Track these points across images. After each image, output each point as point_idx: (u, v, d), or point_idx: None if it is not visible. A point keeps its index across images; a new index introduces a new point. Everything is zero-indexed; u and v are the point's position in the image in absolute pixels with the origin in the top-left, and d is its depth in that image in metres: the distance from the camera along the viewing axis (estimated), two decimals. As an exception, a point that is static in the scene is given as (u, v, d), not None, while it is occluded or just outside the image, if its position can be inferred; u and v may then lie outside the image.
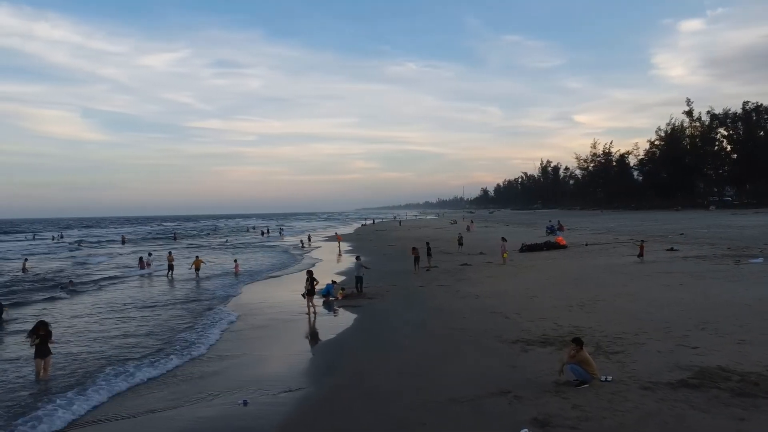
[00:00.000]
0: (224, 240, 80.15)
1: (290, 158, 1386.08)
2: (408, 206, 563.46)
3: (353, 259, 33.59)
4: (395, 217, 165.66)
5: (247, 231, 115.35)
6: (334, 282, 25.50)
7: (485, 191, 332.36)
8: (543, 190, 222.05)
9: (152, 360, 14.23)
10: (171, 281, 32.55)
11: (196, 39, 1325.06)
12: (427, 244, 35.06)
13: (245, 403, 10.74)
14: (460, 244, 44.21)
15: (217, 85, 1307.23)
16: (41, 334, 13.12)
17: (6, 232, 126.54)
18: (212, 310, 21.65)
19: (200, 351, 15.25)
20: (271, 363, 14.16)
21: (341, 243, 58.21)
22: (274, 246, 63.83)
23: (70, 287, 29.88)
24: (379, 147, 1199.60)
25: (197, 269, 34.03)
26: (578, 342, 10.73)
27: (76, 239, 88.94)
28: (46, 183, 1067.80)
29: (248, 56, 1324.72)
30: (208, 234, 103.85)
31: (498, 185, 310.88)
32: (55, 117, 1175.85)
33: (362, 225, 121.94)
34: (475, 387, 10.71)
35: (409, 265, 32.41)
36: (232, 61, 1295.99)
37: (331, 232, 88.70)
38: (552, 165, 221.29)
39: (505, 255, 32.68)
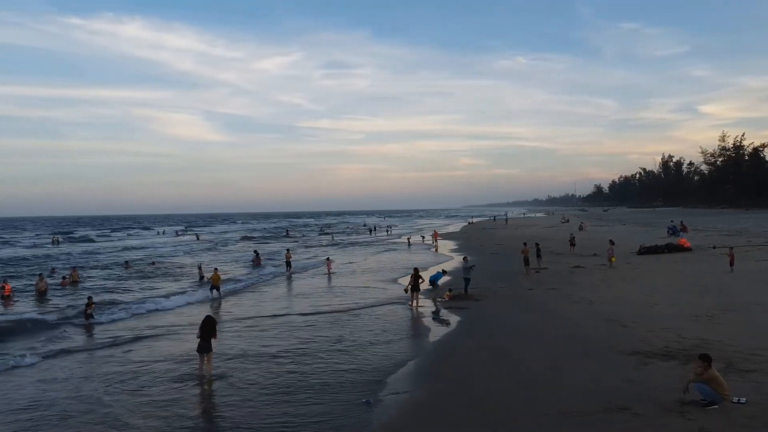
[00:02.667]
0: (330, 237, 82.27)
1: (397, 156, 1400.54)
2: (516, 203, 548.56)
3: (457, 257, 33.29)
4: (505, 214, 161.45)
5: (348, 228, 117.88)
6: (444, 271, 25.42)
7: (599, 188, 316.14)
8: (663, 187, 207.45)
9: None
10: (290, 279, 33.80)
11: (308, 42, 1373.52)
12: (537, 244, 33.93)
13: (368, 403, 10.84)
14: (572, 244, 42.36)
15: (327, 85, 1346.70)
16: (205, 329, 13.46)
17: (146, 228, 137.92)
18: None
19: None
20: (381, 361, 14.18)
21: (439, 241, 57.95)
22: (394, 243, 64.68)
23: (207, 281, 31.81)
24: (486, 143, 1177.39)
25: (215, 287, 27.04)
26: (706, 359, 9.85)
27: (193, 234, 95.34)
28: (173, 182, 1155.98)
29: (356, 56, 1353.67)
30: (323, 232, 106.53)
31: (613, 182, 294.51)
32: (182, 120, 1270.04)
33: (468, 223, 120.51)
34: (589, 401, 10.16)
35: (517, 266, 31.58)
36: (341, 62, 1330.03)
37: (448, 229, 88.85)
38: (674, 160, 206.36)
39: (613, 259, 30.95)
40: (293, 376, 12.94)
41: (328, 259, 37.74)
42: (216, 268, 29.69)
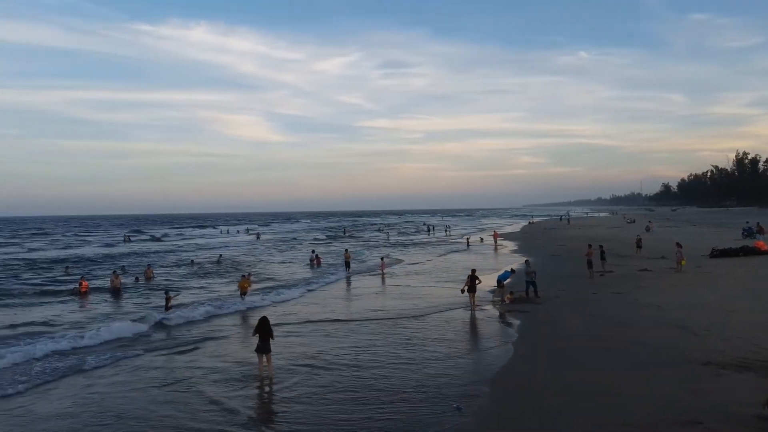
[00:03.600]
0: (386, 237, 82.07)
1: (455, 154, 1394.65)
2: (578, 203, 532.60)
3: (517, 259, 32.60)
4: (567, 214, 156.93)
5: (406, 227, 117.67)
6: (513, 270, 24.89)
7: (666, 186, 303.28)
8: (737, 186, 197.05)
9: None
10: (349, 279, 34.01)
11: (366, 42, 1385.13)
12: (601, 246, 32.89)
13: (459, 409, 10.61)
14: (639, 246, 40.80)
15: (385, 85, 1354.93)
16: (261, 330, 13.54)
17: (212, 227, 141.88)
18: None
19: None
20: (441, 367, 14.08)
21: (498, 241, 57.30)
22: (452, 243, 64.19)
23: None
24: (546, 141, 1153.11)
25: (243, 293, 26.02)
26: (787, 372, 9.30)
27: (254, 233, 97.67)
28: (236, 181, 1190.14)
29: (414, 56, 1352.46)
30: (380, 230, 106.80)
31: (682, 180, 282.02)
32: (244, 121, 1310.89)
33: (529, 223, 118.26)
34: (656, 412, 9.78)
35: (580, 269, 30.74)
36: (399, 62, 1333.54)
37: (508, 229, 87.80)
38: (749, 156, 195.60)
39: (683, 262, 29.60)
40: (362, 382, 12.72)
41: (382, 259, 37.82)
42: (243, 275, 28.76)
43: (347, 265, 36.88)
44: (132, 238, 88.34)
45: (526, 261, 25.97)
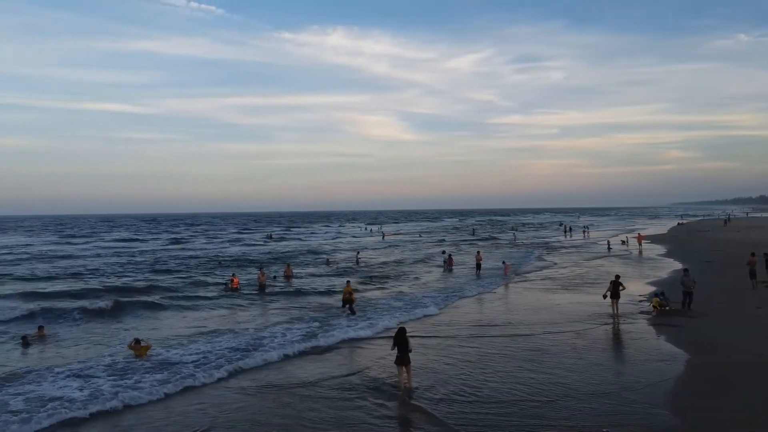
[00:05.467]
0: (513, 238, 78.34)
1: (592, 150, 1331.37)
2: (736, 201, 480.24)
3: (664, 264, 29.98)
4: (727, 214, 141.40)
5: (539, 226, 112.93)
6: (662, 294, 22.56)
7: None
8: None
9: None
10: (481, 284, 32.78)
11: (498, 37, 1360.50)
12: (765, 254, 29.32)
13: None
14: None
15: (518, 80, 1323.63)
16: (399, 342, 13.25)
17: (351, 223, 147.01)
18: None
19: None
20: (586, 389, 13.23)
21: (643, 244, 53.03)
22: (592, 246, 61.04)
23: None
24: (698, 134, 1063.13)
25: (346, 302, 23.32)
26: None
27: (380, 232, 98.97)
28: (370, 179, 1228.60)
29: (549, 49, 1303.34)
30: (514, 230, 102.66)
31: None
32: (378, 122, 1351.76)
33: (678, 224, 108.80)
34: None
35: (739, 278, 27.67)
36: (532, 55, 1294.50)
37: (654, 231, 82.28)
38: None
39: None
40: (499, 408, 11.75)
41: (504, 262, 36.78)
42: (348, 281, 26.43)
43: (478, 266, 36.35)
44: (273, 236, 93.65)
45: (685, 270, 23.59)
